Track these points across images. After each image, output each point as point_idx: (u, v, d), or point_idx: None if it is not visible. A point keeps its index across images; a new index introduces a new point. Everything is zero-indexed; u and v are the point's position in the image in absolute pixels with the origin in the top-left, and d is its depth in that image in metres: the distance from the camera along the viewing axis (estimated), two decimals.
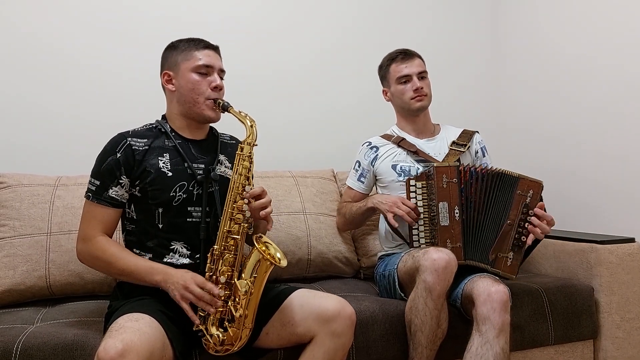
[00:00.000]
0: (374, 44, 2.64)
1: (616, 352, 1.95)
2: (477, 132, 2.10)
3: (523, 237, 1.75)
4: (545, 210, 1.77)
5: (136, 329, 1.25)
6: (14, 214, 1.86)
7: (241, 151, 1.51)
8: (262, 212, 1.49)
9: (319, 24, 2.61)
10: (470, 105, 2.83)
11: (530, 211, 1.75)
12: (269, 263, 1.42)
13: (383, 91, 2.11)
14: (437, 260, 1.57)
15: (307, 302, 1.47)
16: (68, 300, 1.85)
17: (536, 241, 1.78)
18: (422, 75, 2.01)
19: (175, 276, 1.40)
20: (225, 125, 1.71)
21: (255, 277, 1.42)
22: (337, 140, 2.58)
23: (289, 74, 2.56)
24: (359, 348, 1.63)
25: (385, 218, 1.85)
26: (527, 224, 1.75)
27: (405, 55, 2.03)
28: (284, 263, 1.44)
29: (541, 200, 1.78)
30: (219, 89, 1.57)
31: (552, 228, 1.78)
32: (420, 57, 2.05)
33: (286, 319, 1.46)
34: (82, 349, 1.40)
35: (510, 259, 1.75)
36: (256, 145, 1.53)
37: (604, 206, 2.32)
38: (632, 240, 2.03)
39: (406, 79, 2.00)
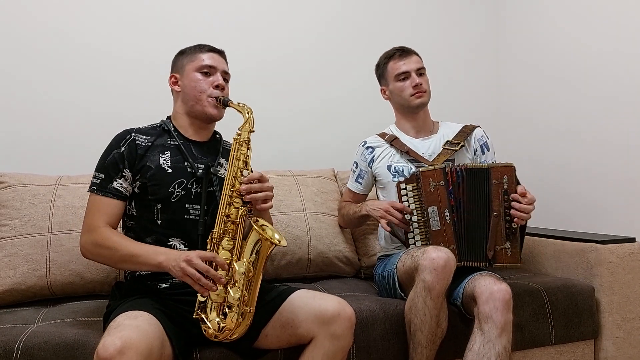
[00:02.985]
0: (373, 42, 2.63)
1: (617, 352, 1.95)
2: (479, 126, 2.06)
3: (513, 224, 1.74)
4: (526, 192, 1.74)
5: (135, 326, 1.25)
6: (14, 213, 1.86)
7: (238, 137, 1.53)
8: (259, 206, 1.49)
9: (318, 23, 2.61)
10: (470, 100, 2.83)
11: (511, 196, 1.73)
12: (269, 243, 1.40)
13: (381, 90, 2.10)
14: (436, 259, 1.57)
15: (307, 304, 1.46)
16: (69, 299, 1.85)
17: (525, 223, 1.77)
18: (420, 72, 2.01)
19: (178, 253, 1.39)
20: (225, 124, 1.72)
21: (255, 257, 1.40)
22: (337, 139, 2.58)
23: (290, 73, 2.56)
24: (359, 348, 1.63)
25: (380, 224, 1.85)
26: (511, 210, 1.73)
27: (403, 52, 2.02)
28: (283, 243, 1.42)
29: (518, 183, 1.76)
30: (221, 87, 1.62)
31: (553, 227, 1.77)
32: (417, 54, 2.04)
33: (285, 321, 1.46)
34: (82, 349, 1.40)
35: (508, 249, 1.74)
36: (253, 131, 1.55)
37: (605, 206, 2.32)
38: (632, 240, 2.03)
39: (405, 75, 1.99)
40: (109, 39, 2.29)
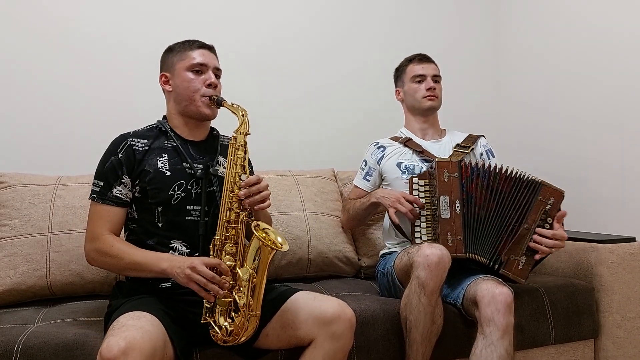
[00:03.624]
0: (375, 47, 2.65)
1: (617, 352, 1.95)
2: (483, 136, 2.13)
3: (537, 255, 1.74)
4: (560, 224, 1.77)
5: (138, 326, 1.25)
6: (14, 213, 1.86)
7: (234, 141, 1.52)
8: (257, 207, 1.48)
9: (319, 23, 2.61)
10: (472, 106, 2.83)
11: (548, 218, 1.76)
12: (269, 248, 1.41)
13: (396, 91, 2.17)
14: (429, 256, 1.57)
15: (307, 305, 1.46)
16: (68, 299, 1.85)
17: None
18: (436, 79, 2.09)
19: (181, 260, 1.40)
20: (223, 124, 1.71)
21: (257, 263, 1.41)
22: (337, 140, 2.58)
23: (290, 73, 2.55)
24: (359, 348, 1.63)
25: (388, 213, 1.86)
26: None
27: (424, 57, 2.12)
28: (285, 247, 1.43)
29: (559, 209, 1.78)
30: (213, 86, 1.60)
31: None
32: (436, 64, 2.13)
33: (286, 322, 1.46)
34: (82, 349, 1.40)
35: (522, 262, 1.75)
36: (249, 134, 1.54)
37: (605, 205, 2.32)
38: (632, 239, 2.03)
39: (421, 78, 2.07)
40: (108, 40, 2.28)
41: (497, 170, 1.81)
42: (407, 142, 2.05)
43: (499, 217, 1.79)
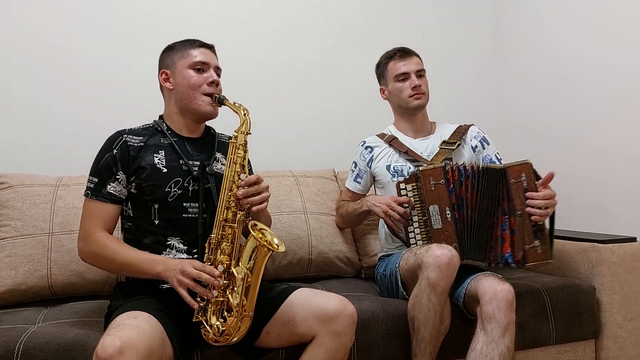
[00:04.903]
0: (374, 43, 2.63)
1: (618, 352, 1.95)
2: (473, 124, 2.07)
3: (538, 221, 1.69)
4: (543, 187, 1.71)
5: (135, 326, 1.25)
6: (15, 214, 1.87)
7: (235, 140, 1.52)
8: (254, 208, 1.48)
9: (319, 23, 2.62)
10: (471, 103, 2.83)
11: (526, 195, 1.70)
12: (266, 249, 1.41)
13: (380, 89, 2.10)
14: (440, 256, 1.57)
15: (308, 302, 1.46)
16: (69, 300, 1.85)
17: (551, 218, 1.74)
18: (420, 74, 2.01)
19: (174, 263, 1.40)
20: (224, 124, 1.72)
21: (252, 263, 1.41)
22: (338, 139, 2.58)
23: (291, 73, 2.56)
24: (360, 348, 1.63)
25: (384, 221, 1.86)
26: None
27: (404, 53, 2.02)
28: (281, 248, 1.43)
29: (538, 178, 1.73)
30: (215, 84, 1.60)
31: (554, 227, 1.76)
32: (418, 55, 2.04)
33: (287, 319, 1.46)
34: (83, 349, 1.40)
35: (538, 246, 1.70)
36: (250, 133, 1.54)
37: (606, 205, 2.32)
38: (633, 239, 2.03)
39: (404, 76, 2.00)
40: (109, 41, 2.29)
41: (479, 169, 1.77)
42: (391, 142, 2.01)
43: (486, 214, 1.75)
